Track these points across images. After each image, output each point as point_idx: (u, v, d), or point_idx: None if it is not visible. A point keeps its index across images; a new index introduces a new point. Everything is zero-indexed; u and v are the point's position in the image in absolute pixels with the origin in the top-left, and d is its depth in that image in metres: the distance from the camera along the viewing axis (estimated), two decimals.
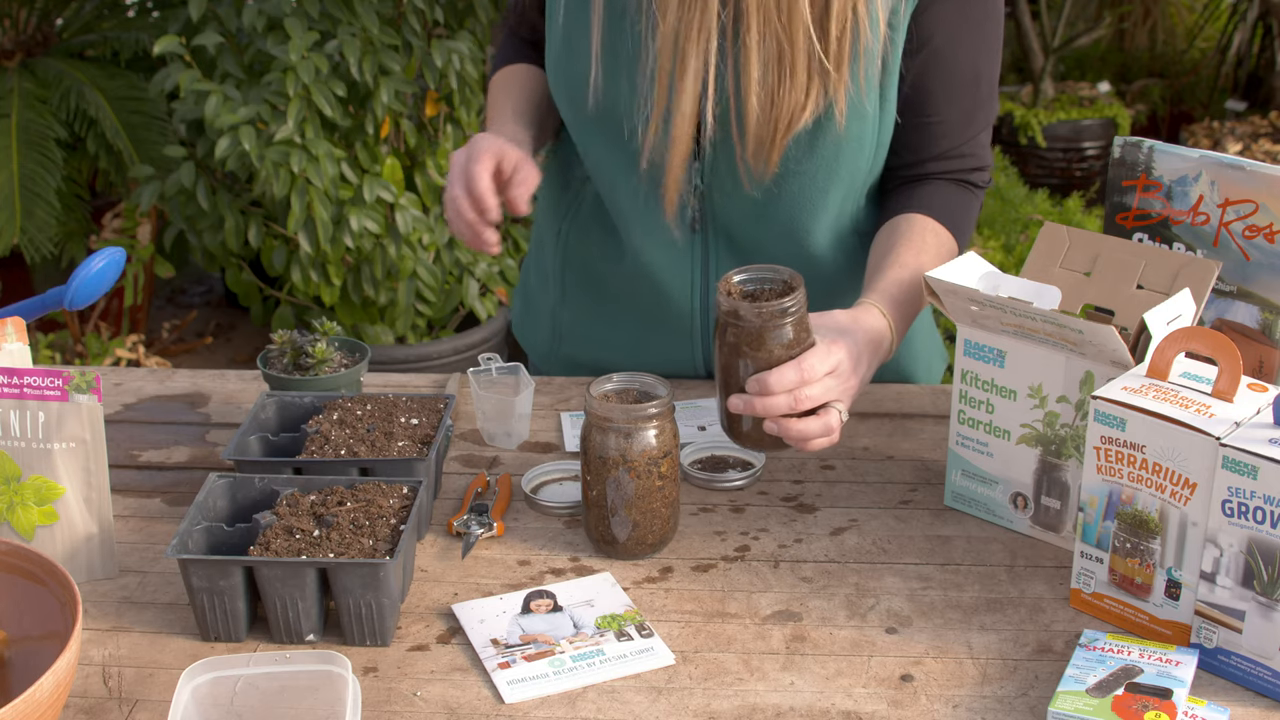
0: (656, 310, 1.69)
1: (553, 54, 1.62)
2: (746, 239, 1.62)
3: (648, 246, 1.65)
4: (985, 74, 1.59)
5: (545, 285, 1.80)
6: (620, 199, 1.63)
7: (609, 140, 1.59)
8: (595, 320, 1.76)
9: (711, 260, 1.65)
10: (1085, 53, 5.93)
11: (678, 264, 1.65)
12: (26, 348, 1.36)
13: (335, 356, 1.59)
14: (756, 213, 1.59)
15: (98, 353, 3.60)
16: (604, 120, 1.58)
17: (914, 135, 1.59)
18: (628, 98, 1.55)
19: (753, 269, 1.36)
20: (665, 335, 1.71)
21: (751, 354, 1.32)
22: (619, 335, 1.74)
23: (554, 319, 1.80)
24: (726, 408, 1.36)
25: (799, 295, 1.32)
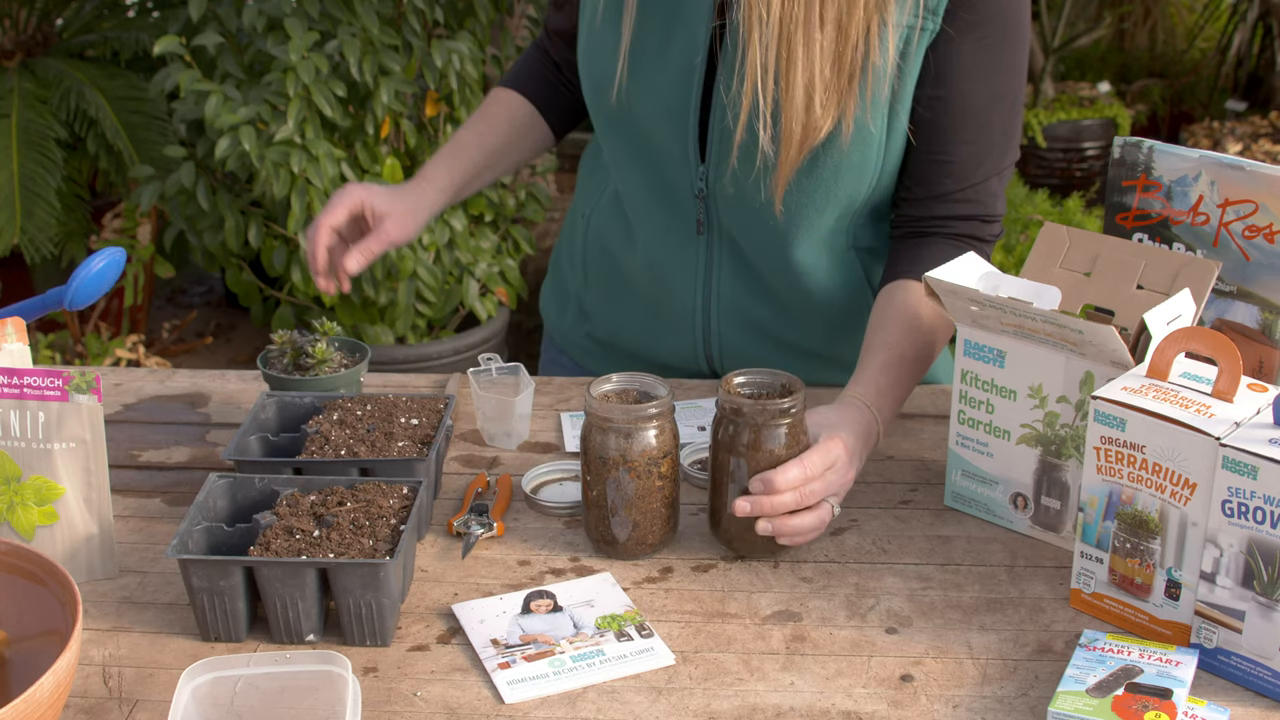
0: (664, 304, 1.71)
1: (583, 47, 1.64)
2: (748, 245, 1.63)
3: (656, 243, 1.67)
4: (1000, 119, 1.55)
5: (573, 266, 1.83)
6: (634, 194, 1.66)
7: (627, 138, 1.63)
8: (614, 305, 1.78)
9: (715, 262, 1.66)
10: (1085, 53, 5.93)
11: (683, 263, 1.67)
12: (26, 348, 1.36)
13: (335, 356, 1.59)
14: (756, 222, 1.60)
15: (98, 353, 3.60)
16: (624, 118, 1.61)
17: (921, 170, 1.57)
18: (647, 98, 1.57)
19: (752, 372, 1.37)
20: (672, 329, 1.73)
21: (749, 454, 1.32)
22: (633, 324, 1.76)
23: (579, 300, 1.83)
24: (730, 511, 1.34)
25: (799, 397, 1.32)
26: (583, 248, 1.79)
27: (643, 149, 1.62)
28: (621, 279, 1.75)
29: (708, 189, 1.60)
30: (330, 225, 1.62)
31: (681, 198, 1.63)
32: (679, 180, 1.61)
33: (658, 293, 1.71)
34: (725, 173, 1.57)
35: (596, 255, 1.77)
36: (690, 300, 1.69)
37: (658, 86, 1.57)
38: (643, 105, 1.58)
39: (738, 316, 1.69)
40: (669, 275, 1.68)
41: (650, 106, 1.58)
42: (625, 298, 1.76)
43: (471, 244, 3.56)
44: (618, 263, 1.74)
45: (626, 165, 1.65)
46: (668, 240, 1.66)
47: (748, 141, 1.52)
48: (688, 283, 1.68)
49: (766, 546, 1.36)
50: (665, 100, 1.57)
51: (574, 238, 1.82)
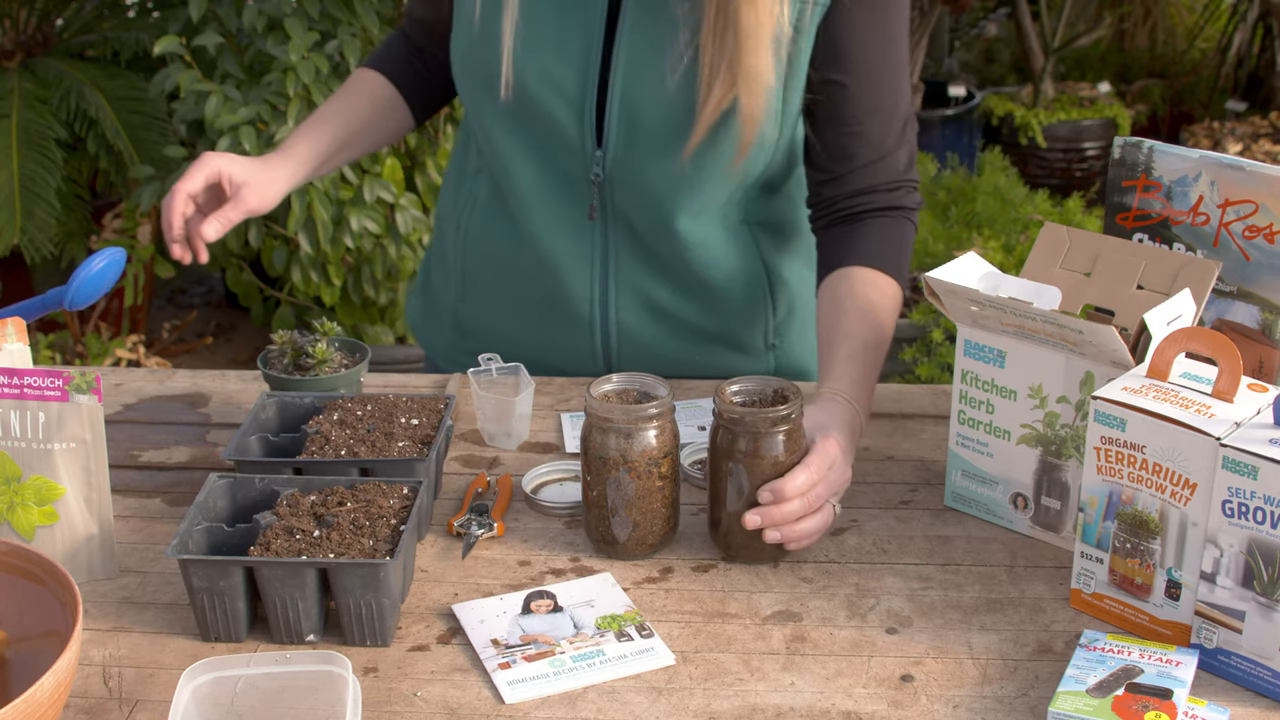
0: (557, 301, 1.71)
1: (461, 39, 1.65)
2: (645, 227, 1.65)
3: (548, 235, 1.67)
4: (898, 85, 1.60)
5: (447, 282, 1.82)
6: (525, 189, 1.66)
7: (518, 132, 1.64)
8: (497, 314, 1.77)
9: (611, 247, 1.68)
10: (1085, 53, 5.93)
11: (577, 252, 1.68)
12: (27, 348, 1.36)
13: (335, 357, 1.59)
14: (650, 204, 1.63)
15: (98, 353, 3.60)
16: (516, 111, 1.62)
17: (834, 147, 1.60)
18: (543, 89, 1.59)
19: (747, 380, 1.37)
20: (566, 328, 1.73)
21: (748, 461, 1.32)
22: (521, 329, 1.75)
23: (455, 316, 1.82)
24: (731, 520, 1.35)
25: (796, 404, 1.32)
26: (460, 260, 1.78)
27: (536, 141, 1.63)
28: (508, 284, 1.74)
29: (604, 174, 1.62)
30: (186, 192, 1.60)
31: (576, 186, 1.65)
32: (574, 168, 1.64)
33: (550, 290, 1.70)
34: (625, 155, 1.60)
35: (477, 264, 1.76)
36: (587, 290, 1.69)
37: (555, 75, 1.59)
38: (538, 96, 1.60)
39: (637, 300, 1.70)
40: (564, 268, 1.68)
41: (547, 96, 1.60)
42: (512, 304, 1.75)
43: None
44: (504, 267, 1.73)
45: (516, 160, 1.65)
46: (562, 231, 1.67)
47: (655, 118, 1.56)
48: (584, 272, 1.68)
49: (766, 553, 1.36)
50: (563, 88, 1.59)
51: (446, 251, 1.81)
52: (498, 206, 1.71)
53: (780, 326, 1.75)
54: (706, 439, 1.57)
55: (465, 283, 1.79)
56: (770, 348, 1.76)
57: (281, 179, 1.68)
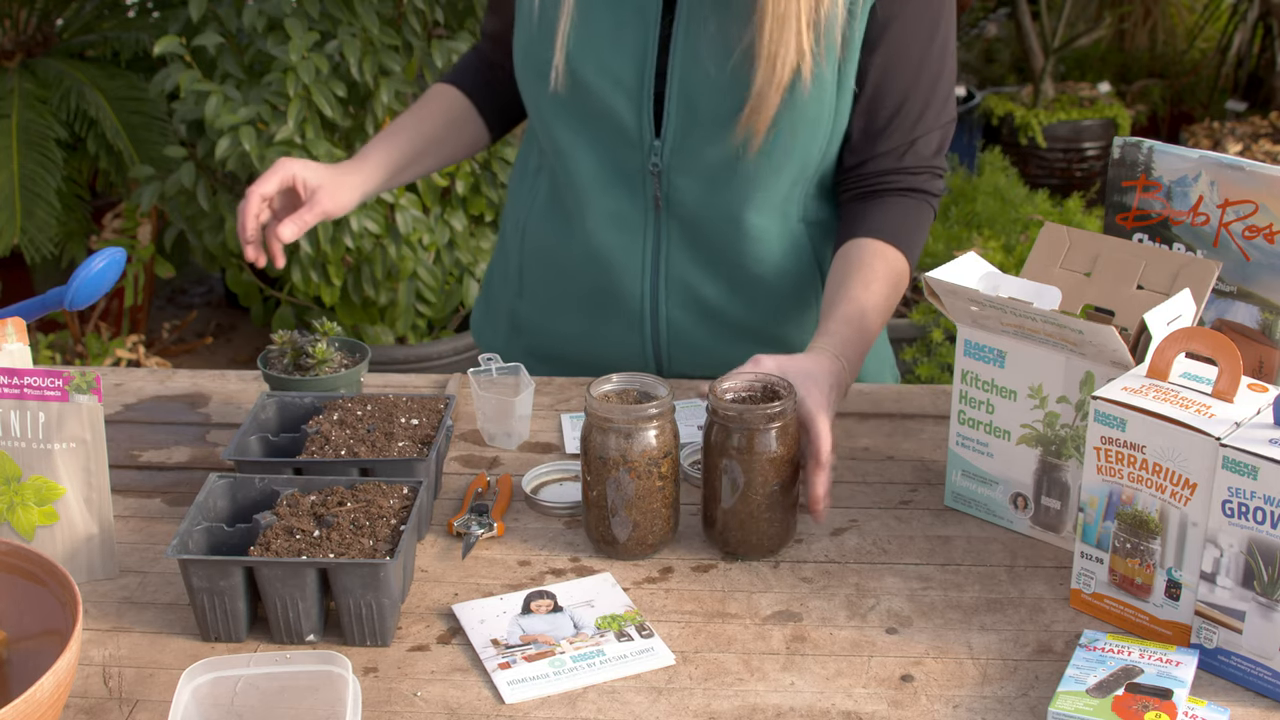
0: (610, 296, 1.72)
1: (521, 35, 1.66)
2: (703, 217, 1.66)
3: (602, 229, 1.68)
4: (940, 72, 1.62)
5: (506, 281, 1.83)
6: (583, 180, 1.67)
7: (575, 123, 1.64)
8: (551, 312, 1.78)
9: (664, 241, 1.68)
10: (1085, 53, 5.93)
11: (632, 246, 1.68)
12: (27, 348, 1.36)
13: (335, 357, 1.59)
14: (709, 194, 1.63)
15: (98, 353, 3.60)
16: (572, 102, 1.62)
17: (872, 131, 1.63)
18: (601, 78, 1.59)
19: (737, 376, 1.38)
20: (617, 324, 1.73)
21: (741, 457, 1.33)
22: (573, 326, 1.76)
23: (511, 314, 1.83)
24: (735, 518, 1.36)
25: (789, 400, 1.33)
26: (519, 258, 1.79)
27: (593, 133, 1.64)
28: (562, 281, 1.75)
29: (662, 163, 1.62)
30: (261, 194, 1.61)
31: (634, 178, 1.65)
32: (631, 160, 1.64)
33: (603, 284, 1.71)
34: (684, 144, 1.60)
35: (533, 260, 1.77)
36: (638, 284, 1.70)
37: (611, 66, 1.59)
38: (595, 87, 1.60)
39: (687, 297, 1.70)
40: (616, 261, 1.69)
41: (604, 87, 1.60)
42: (565, 301, 1.76)
43: (471, 244, 3.56)
44: (558, 263, 1.74)
45: (574, 153, 1.66)
46: (617, 224, 1.67)
47: (714, 105, 1.57)
48: (636, 266, 1.69)
49: (764, 548, 1.36)
50: (620, 78, 1.59)
51: (508, 252, 1.82)
52: (555, 203, 1.72)
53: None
54: None
55: (522, 280, 1.80)
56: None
57: (355, 184, 1.69)
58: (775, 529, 1.36)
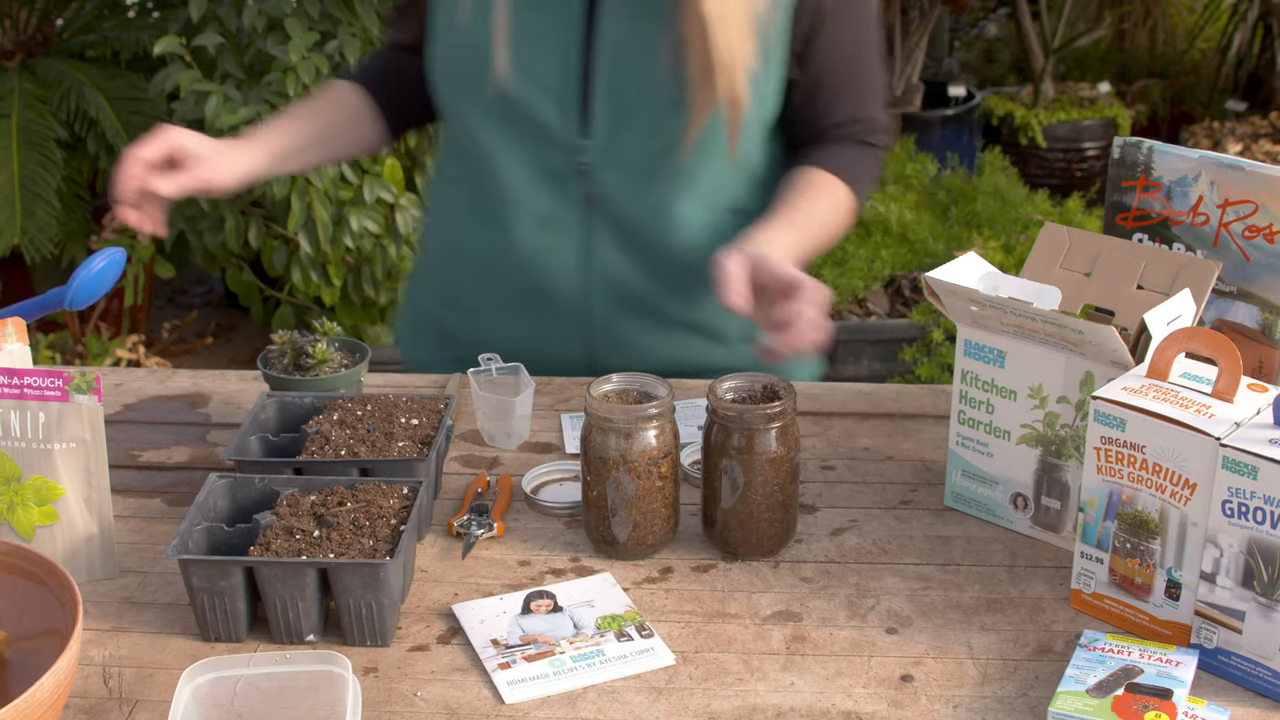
0: (542, 298, 1.72)
1: (445, 45, 1.66)
2: (633, 213, 1.67)
3: (532, 232, 1.69)
4: (872, 42, 1.69)
5: (430, 292, 1.84)
6: (506, 184, 1.68)
7: (505, 129, 1.65)
8: (483, 318, 1.78)
9: (593, 239, 1.69)
10: (1085, 53, 5.93)
11: (561, 245, 1.69)
12: (27, 348, 1.36)
13: (335, 357, 1.59)
14: (639, 190, 1.65)
15: (98, 353, 3.60)
16: (502, 107, 1.63)
17: (813, 108, 1.68)
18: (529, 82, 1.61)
19: (738, 376, 1.38)
20: (551, 324, 1.74)
21: (741, 457, 1.33)
22: (507, 330, 1.76)
23: (438, 325, 1.83)
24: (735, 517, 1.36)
25: (788, 400, 1.34)
26: (446, 268, 1.80)
27: (519, 137, 1.65)
28: (492, 288, 1.75)
29: (590, 163, 1.64)
30: (141, 158, 1.56)
31: (561, 179, 1.66)
32: (557, 161, 1.65)
33: (535, 286, 1.72)
34: (614, 143, 1.62)
35: (462, 269, 1.77)
36: (570, 284, 1.70)
37: (534, 68, 1.61)
38: (518, 90, 1.62)
39: (619, 293, 1.71)
40: (548, 262, 1.70)
41: (528, 90, 1.61)
42: (498, 306, 1.76)
43: None
44: (488, 268, 1.74)
45: (499, 158, 1.67)
46: (546, 225, 1.68)
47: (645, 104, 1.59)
48: (567, 266, 1.69)
49: (763, 547, 1.36)
50: (544, 80, 1.61)
51: (430, 264, 1.83)
52: (481, 209, 1.72)
53: None
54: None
55: (449, 291, 1.80)
56: (748, 339, 1.77)
57: (241, 161, 1.66)
58: (775, 529, 1.36)
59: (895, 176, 4.12)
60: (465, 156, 1.72)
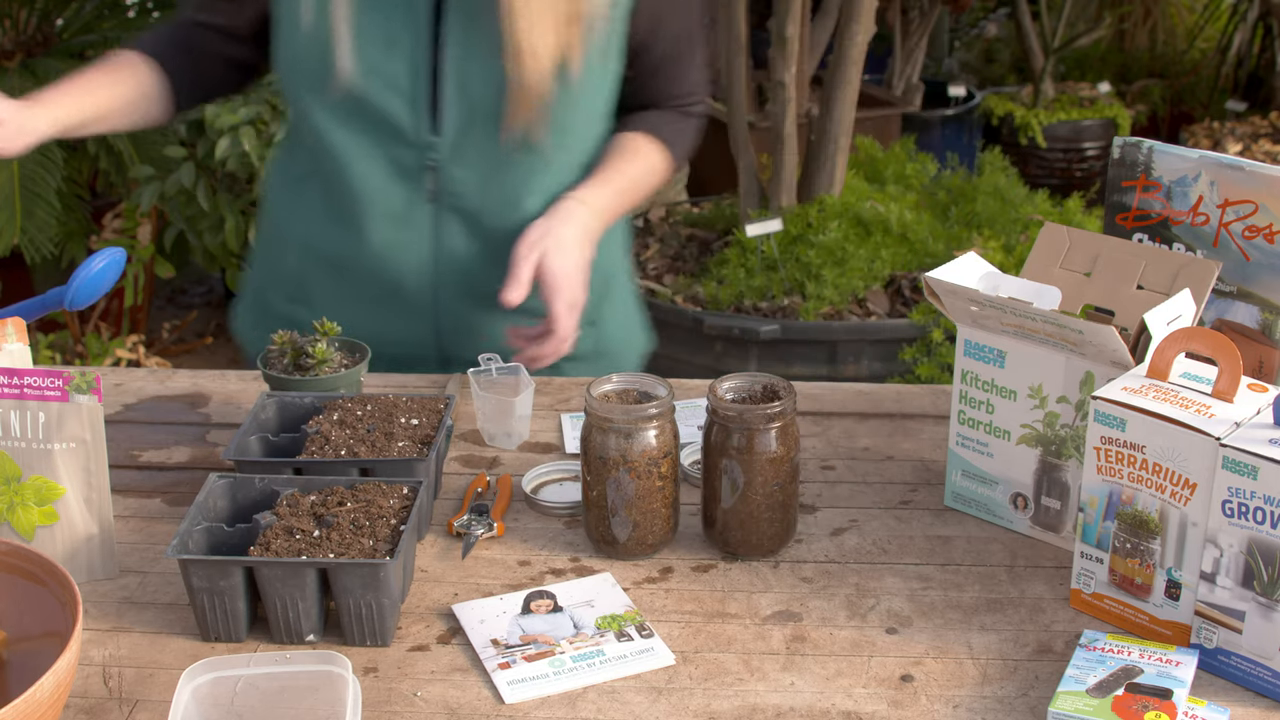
0: (393, 293, 1.76)
1: (290, 43, 1.68)
2: (477, 210, 1.71)
3: (383, 228, 1.72)
4: (696, 21, 1.79)
5: (278, 287, 1.85)
6: (357, 182, 1.70)
7: (353, 127, 1.68)
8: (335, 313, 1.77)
9: (443, 235, 1.73)
10: (1085, 53, 5.93)
11: (411, 241, 1.73)
12: (27, 348, 1.36)
13: (335, 357, 1.59)
14: (488, 185, 1.70)
15: (98, 353, 3.60)
16: (351, 106, 1.66)
17: (645, 87, 1.78)
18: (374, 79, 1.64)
19: (736, 377, 1.39)
20: (402, 318, 1.77)
21: (741, 457, 1.33)
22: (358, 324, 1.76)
23: (289, 319, 1.83)
24: (736, 518, 1.36)
25: (788, 400, 1.34)
26: (295, 264, 1.81)
27: (369, 135, 1.68)
28: (344, 284, 1.77)
29: (440, 159, 1.67)
30: None
31: (411, 175, 1.69)
32: (408, 158, 1.68)
33: (386, 281, 1.75)
34: (462, 139, 1.66)
35: (314, 266, 1.79)
36: (420, 279, 1.74)
37: (385, 69, 1.64)
38: (370, 91, 1.64)
39: (468, 286, 1.75)
40: (398, 258, 1.73)
41: (379, 90, 1.64)
42: (350, 301, 1.77)
43: None
44: (340, 265, 1.77)
45: (349, 156, 1.69)
46: (397, 222, 1.71)
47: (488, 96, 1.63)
48: (417, 261, 1.73)
49: (762, 546, 1.36)
50: (395, 80, 1.64)
51: (275, 259, 1.84)
52: (330, 207, 1.75)
53: (598, 304, 1.81)
54: None
55: (297, 286, 1.82)
56: (590, 324, 1.81)
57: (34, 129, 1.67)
58: (775, 529, 1.36)
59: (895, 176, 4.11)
60: (313, 155, 1.74)
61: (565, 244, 1.63)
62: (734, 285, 3.57)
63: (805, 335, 3.42)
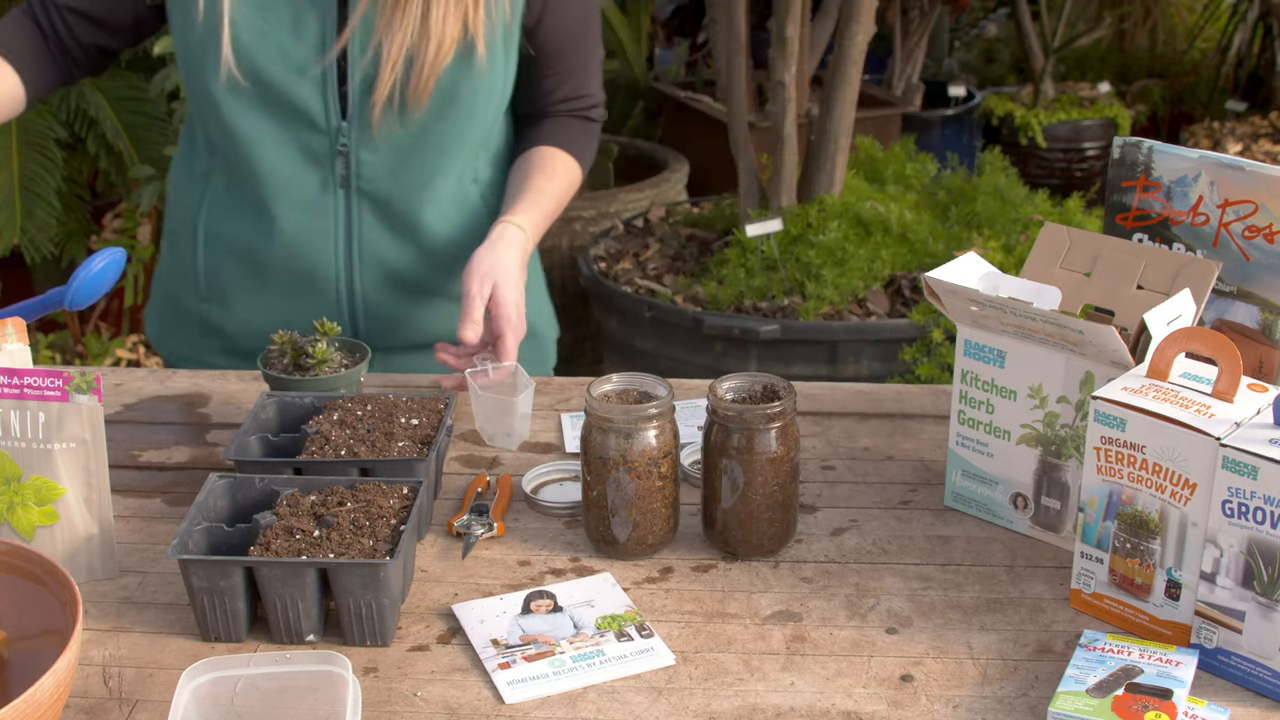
0: (306, 282, 1.77)
1: (187, 36, 1.69)
2: (387, 194, 1.74)
3: (293, 215, 1.73)
4: (594, 23, 1.84)
5: (187, 286, 1.85)
6: (265, 171, 1.72)
7: (259, 115, 1.69)
8: (248, 307, 1.81)
9: (354, 220, 1.75)
10: (1085, 53, 5.93)
11: (323, 228, 1.75)
12: (27, 348, 1.36)
13: (335, 357, 1.59)
14: (397, 167, 1.72)
15: (98, 353, 3.60)
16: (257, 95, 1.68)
17: (542, 84, 1.82)
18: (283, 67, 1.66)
19: (736, 377, 1.39)
20: (315, 306, 1.79)
21: (741, 456, 1.33)
22: (272, 316, 1.78)
23: (201, 318, 1.85)
24: (736, 517, 1.36)
25: (788, 400, 1.34)
26: (203, 262, 1.81)
27: (278, 123, 1.69)
28: (256, 275, 1.78)
29: (349, 143, 1.69)
30: None
31: (321, 160, 1.71)
32: (317, 143, 1.70)
33: (298, 270, 1.76)
34: (368, 123, 1.68)
35: (221, 261, 1.79)
36: (333, 266, 1.76)
37: (294, 56, 1.66)
38: (279, 79, 1.66)
39: (380, 271, 1.77)
40: (310, 246, 1.75)
41: (288, 78, 1.66)
42: (262, 294, 1.79)
43: None
44: (250, 258, 1.77)
45: (258, 145, 1.70)
46: (307, 209, 1.73)
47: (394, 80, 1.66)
48: (329, 248, 1.75)
49: (762, 546, 1.36)
50: (303, 67, 1.66)
51: (184, 258, 1.84)
52: (238, 199, 1.76)
53: None
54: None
55: (208, 283, 1.82)
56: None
57: None
58: (775, 529, 1.36)
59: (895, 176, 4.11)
60: (218, 148, 1.75)
61: (511, 274, 1.64)
62: (734, 285, 3.57)
63: (805, 335, 3.42)
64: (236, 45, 1.65)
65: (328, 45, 1.66)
